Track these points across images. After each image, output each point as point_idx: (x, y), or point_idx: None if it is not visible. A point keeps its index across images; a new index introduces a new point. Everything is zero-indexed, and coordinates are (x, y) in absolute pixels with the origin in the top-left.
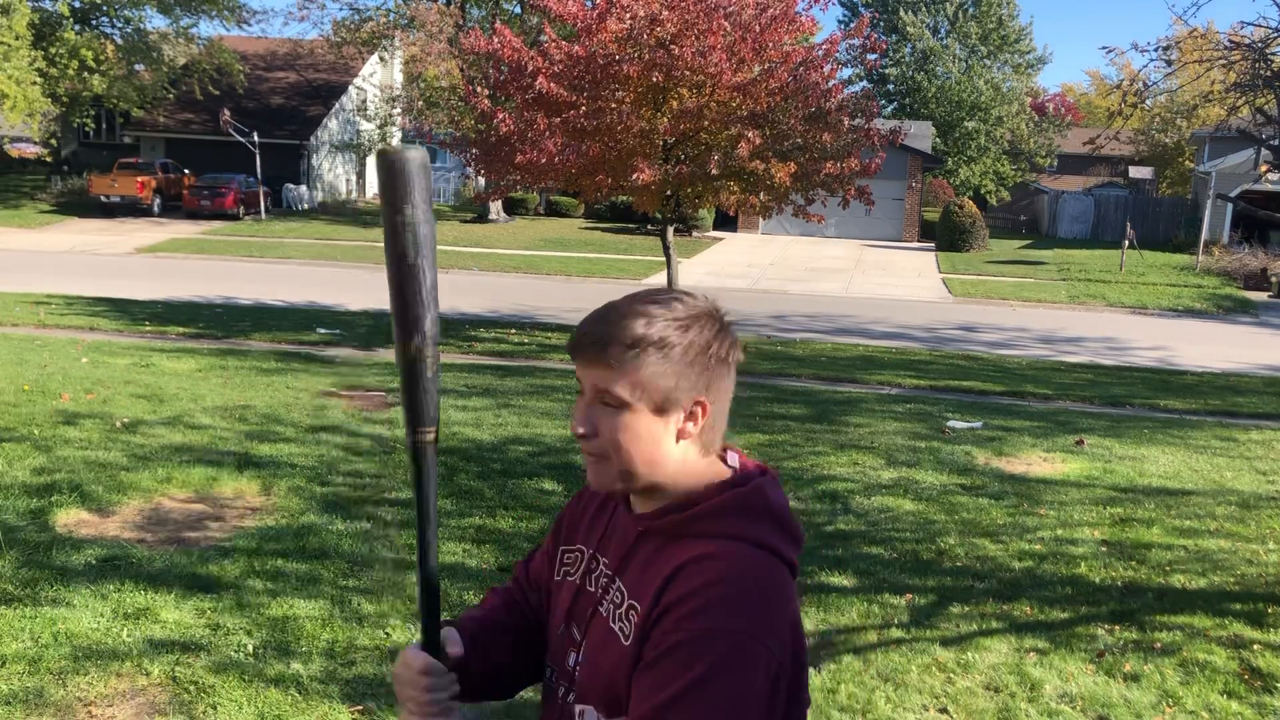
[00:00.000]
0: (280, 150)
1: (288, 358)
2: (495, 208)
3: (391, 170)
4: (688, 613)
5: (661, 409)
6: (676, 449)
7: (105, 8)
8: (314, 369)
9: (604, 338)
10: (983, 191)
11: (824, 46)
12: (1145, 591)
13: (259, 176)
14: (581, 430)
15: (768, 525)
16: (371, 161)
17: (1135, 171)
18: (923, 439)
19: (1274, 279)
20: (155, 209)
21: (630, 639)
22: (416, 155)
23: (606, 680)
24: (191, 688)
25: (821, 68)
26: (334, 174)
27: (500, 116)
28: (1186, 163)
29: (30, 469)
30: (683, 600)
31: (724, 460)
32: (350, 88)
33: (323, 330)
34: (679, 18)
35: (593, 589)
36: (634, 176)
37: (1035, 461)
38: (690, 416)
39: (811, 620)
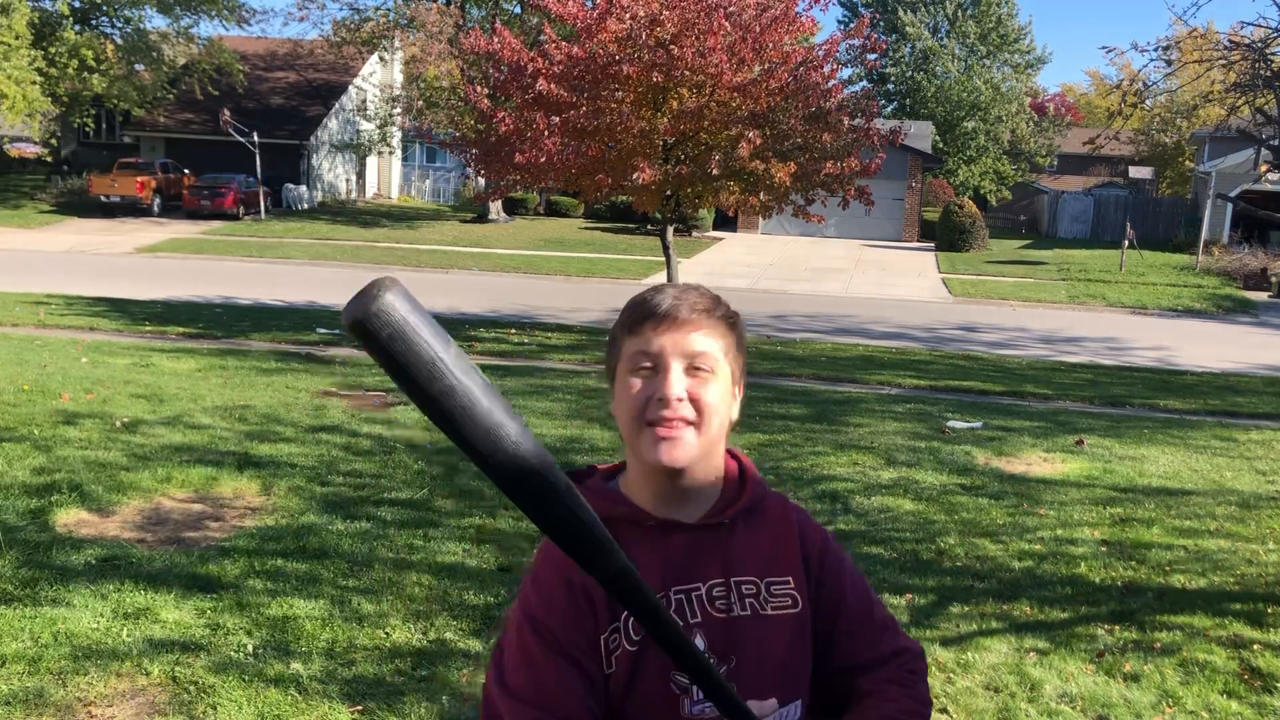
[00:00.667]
0: (280, 150)
1: (288, 358)
2: (495, 208)
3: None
4: (827, 545)
5: (734, 379)
6: (730, 423)
7: (105, 7)
8: (314, 369)
9: (708, 304)
10: (982, 191)
11: (824, 47)
12: (1145, 591)
13: (259, 176)
14: (681, 395)
15: None
16: (371, 161)
17: (1135, 171)
18: (923, 439)
19: (1274, 279)
20: (155, 209)
21: (801, 604)
22: (393, 302)
23: (789, 653)
24: (191, 688)
25: (821, 68)
26: (334, 174)
27: (500, 116)
28: (1186, 163)
29: (30, 469)
30: (824, 542)
31: None
32: (350, 88)
33: (322, 330)
34: (679, 18)
35: (693, 618)
36: (634, 176)
37: (1035, 461)
38: (734, 395)
39: None
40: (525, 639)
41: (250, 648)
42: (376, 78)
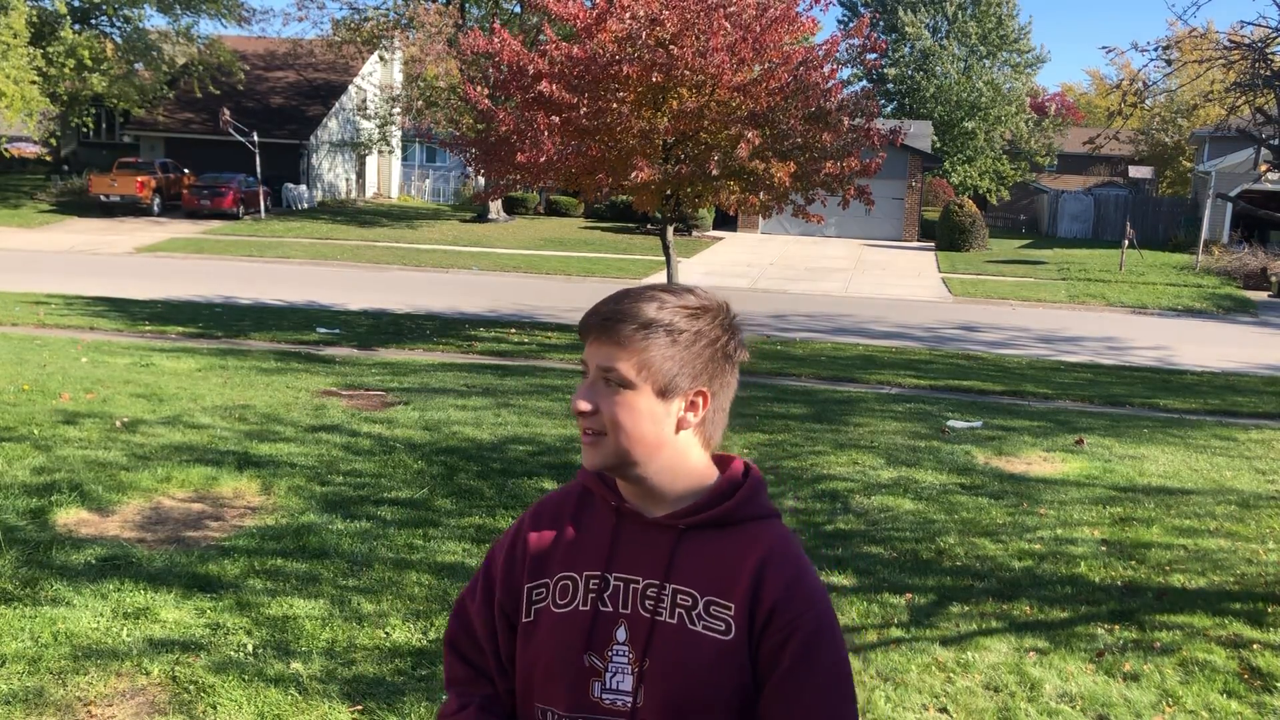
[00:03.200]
0: (280, 150)
1: (287, 357)
2: (495, 207)
3: None
4: (805, 594)
5: (664, 392)
6: (676, 439)
7: (104, 7)
8: (314, 369)
9: (615, 316)
10: (981, 191)
11: (824, 46)
12: (1145, 591)
13: (258, 176)
14: (585, 406)
15: (768, 498)
16: (371, 161)
17: (1135, 171)
18: (922, 438)
19: (1274, 278)
20: (155, 208)
21: (733, 633)
22: None
23: (704, 679)
24: (191, 687)
25: (822, 68)
26: (334, 174)
27: (500, 116)
28: (1186, 162)
29: (30, 468)
30: (794, 583)
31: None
32: (350, 87)
33: (322, 330)
34: (679, 18)
35: (615, 608)
36: (633, 175)
37: (1035, 461)
38: (691, 406)
39: None
40: (477, 575)
41: (250, 647)
42: (376, 77)
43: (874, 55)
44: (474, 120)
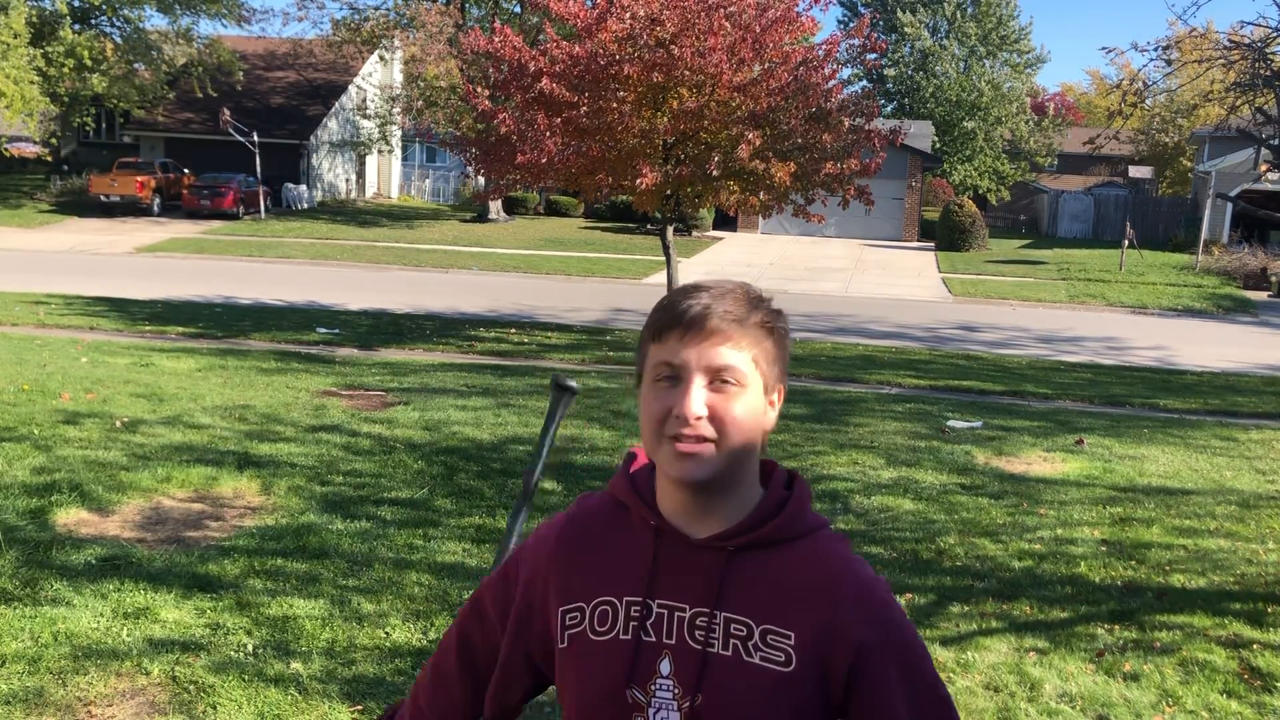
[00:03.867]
0: (280, 150)
1: (287, 358)
2: (495, 207)
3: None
4: (879, 613)
5: (767, 389)
6: (762, 433)
7: (104, 7)
8: (314, 369)
9: (734, 312)
10: (981, 191)
11: (824, 47)
12: (1145, 591)
13: (258, 176)
14: (701, 413)
15: (811, 505)
16: (371, 160)
17: (1135, 171)
18: (923, 438)
19: (1274, 278)
20: (155, 208)
21: (794, 664)
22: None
23: (759, 716)
24: (191, 687)
25: (822, 68)
26: (334, 173)
27: (501, 116)
28: (1186, 162)
29: (30, 468)
30: (864, 606)
31: None
32: (350, 87)
33: (322, 330)
34: (679, 18)
35: (659, 638)
36: (638, 181)
37: (1035, 461)
38: (772, 403)
39: None
40: (485, 579)
41: (250, 647)
42: (376, 77)
43: (874, 55)
44: (474, 120)
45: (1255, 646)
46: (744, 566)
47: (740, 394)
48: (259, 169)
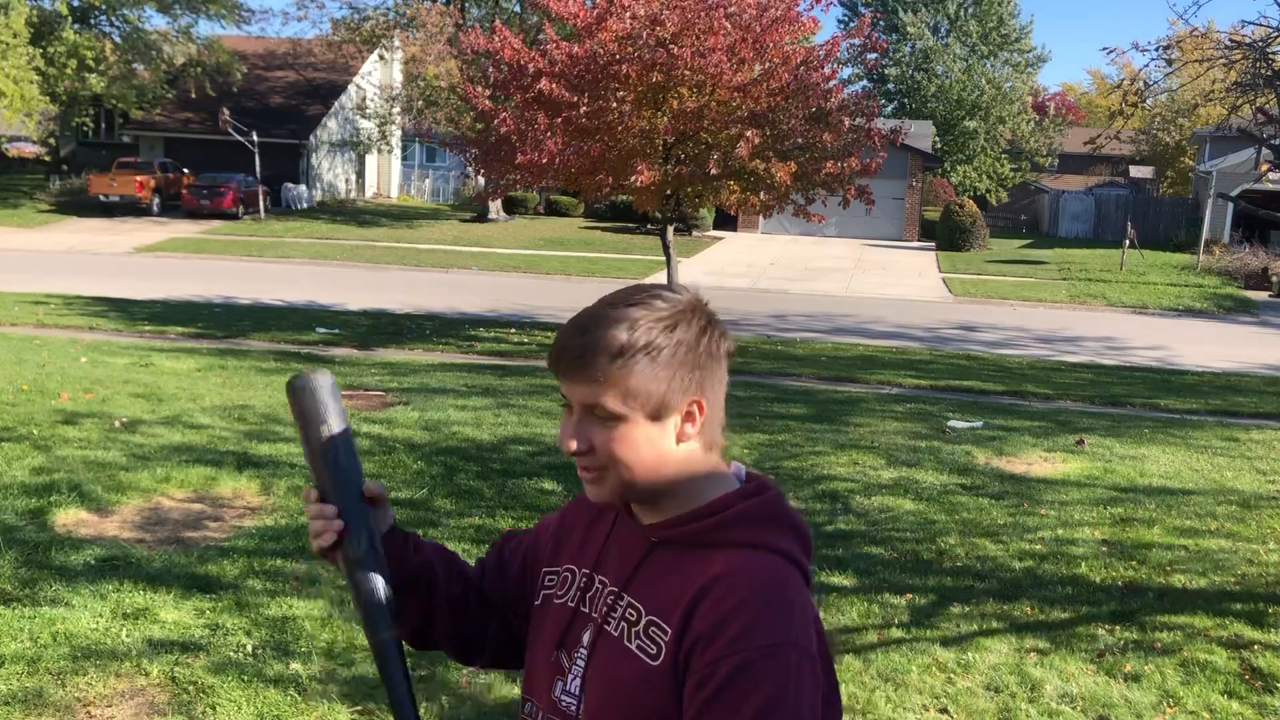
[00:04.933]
0: (279, 149)
1: (287, 357)
2: (495, 207)
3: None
4: (738, 633)
5: (657, 415)
6: (679, 451)
7: (104, 7)
8: (313, 369)
9: (586, 349)
10: (981, 191)
11: (825, 46)
12: (1145, 591)
13: (258, 176)
14: (574, 446)
15: (788, 535)
16: (371, 160)
17: (1136, 171)
18: (923, 439)
19: (1275, 278)
20: (154, 208)
21: (661, 658)
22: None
23: (626, 701)
24: (191, 688)
25: (822, 68)
26: (333, 173)
27: (501, 116)
28: (1187, 162)
29: (29, 469)
30: (728, 619)
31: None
32: (350, 87)
33: (322, 330)
34: (679, 18)
35: (590, 610)
36: (634, 179)
37: (1035, 461)
38: (688, 418)
39: None
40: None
41: (250, 648)
42: (376, 77)
43: (874, 55)
44: (474, 120)
45: (1256, 647)
46: (660, 559)
47: (618, 428)
48: (258, 169)
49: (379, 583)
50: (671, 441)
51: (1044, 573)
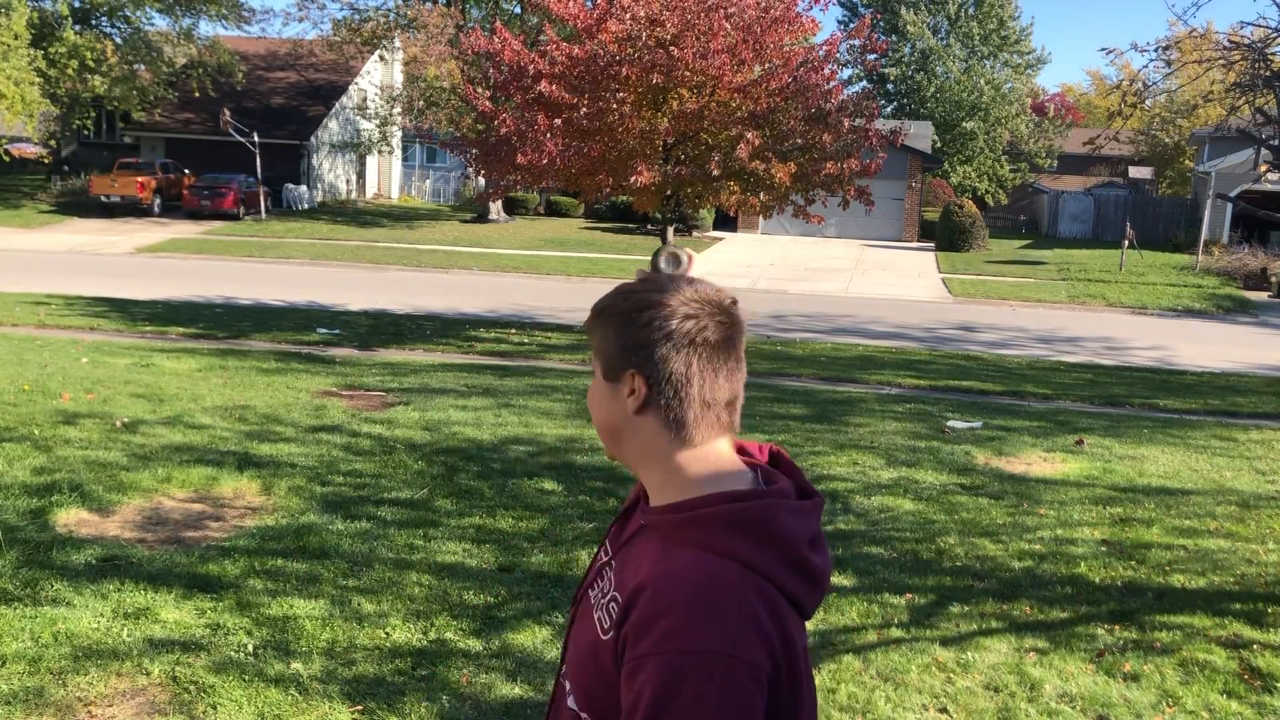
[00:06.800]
0: (280, 150)
1: (288, 358)
2: (495, 207)
3: None
4: (662, 634)
5: (606, 374)
6: (639, 424)
7: (106, 8)
8: (314, 369)
9: (593, 310)
10: (980, 193)
11: (824, 47)
12: (1145, 591)
13: (259, 176)
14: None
15: (768, 549)
16: (371, 161)
17: (1135, 171)
18: (922, 439)
19: (1274, 279)
20: (155, 209)
21: (609, 632)
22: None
23: (582, 662)
24: (191, 687)
25: (822, 69)
26: (334, 174)
27: (501, 117)
28: (1186, 162)
29: (30, 469)
30: (657, 617)
31: (744, 455)
32: (350, 87)
33: (323, 330)
34: (679, 19)
35: (589, 576)
36: (633, 179)
37: (1035, 461)
38: (632, 392)
39: (812, 620)
40: None
41: (250, 648)
42: (376, 77)
43: (874, 56)
44: (474, 121)
45: (1255, 647)
46: (641, 541)
47: (592, 382)
48: (259, 169)
49: None
50: (624, 408)
51: (1043, 572)
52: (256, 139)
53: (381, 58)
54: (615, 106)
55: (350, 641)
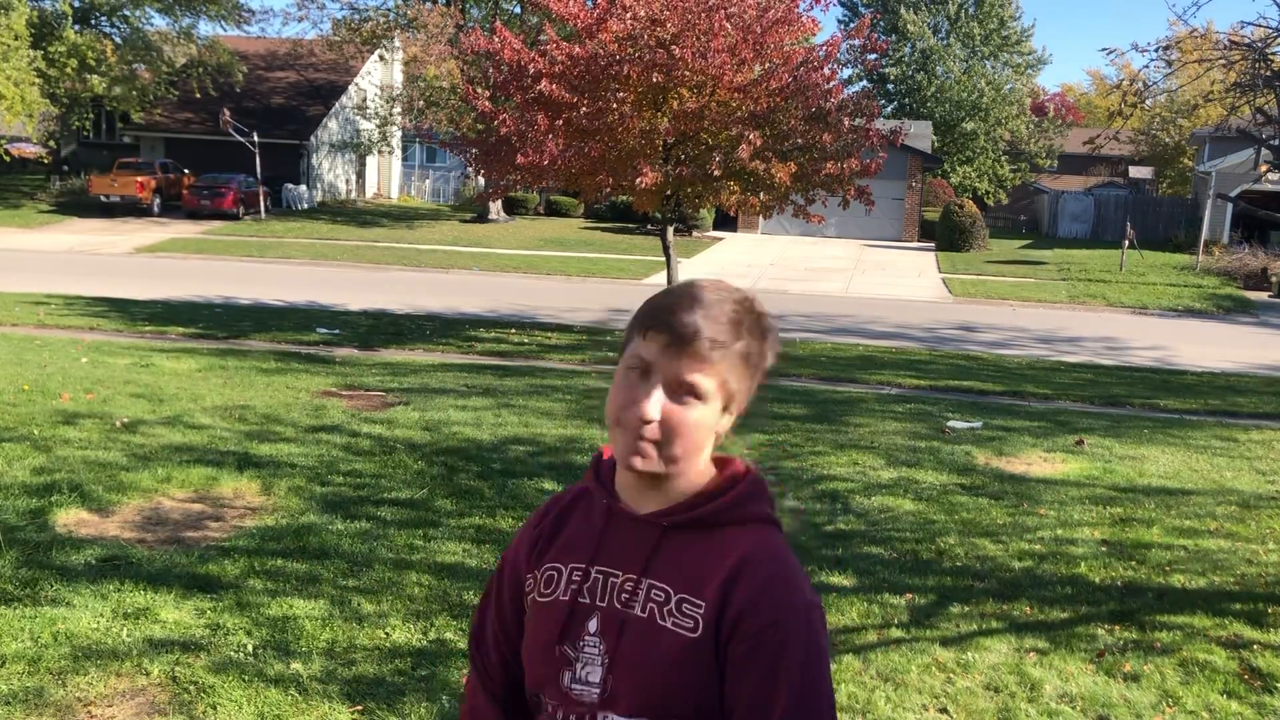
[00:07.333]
0: (280, 150)
1: (288, 358)
2: (495, 207)
3: None
4: (779, 599)
5: (726, 407)
6: (711, 438)
7: (106, 8)
8: (314, 369)
9: (704, 331)
10: (979, 193)
11: (825, 47)
12: (1145, 591)
13: (258, 176)
14: (652, 414)
15: (769, 505)
16: (371, 161)
17: (1135, 171)
18: (923, 439)
19: (1274, 279)
20: (155, 209)
21: (700, 630)
22: None
23: (665, 674)
24: (191, 688)
25: (822, 68)
26: (334, 174)
27: (501, 117)
28: (1186, 162)
29: (30, 469)
30: (766, 588)
31: None
32: (350, 87)
33: (323, 330)
34: (680, 19)
35: (593, 600)
36: (638, 181)
37: (1035, 461)
38: (730, 410)
39: None
40: (493, 575)
41: (250, 648)
42: (376, 77)
43: (874, 56)
44: (474, 121)
45: (1255, 647)
46: (675, 541)
47: (696, 408)
48: (259, 169)
49: None
50: (715, 427)
51: (1043, 573)
52: (256, 139)
53: (381, 57)
54: (615, 106)
55: (350, 641)
